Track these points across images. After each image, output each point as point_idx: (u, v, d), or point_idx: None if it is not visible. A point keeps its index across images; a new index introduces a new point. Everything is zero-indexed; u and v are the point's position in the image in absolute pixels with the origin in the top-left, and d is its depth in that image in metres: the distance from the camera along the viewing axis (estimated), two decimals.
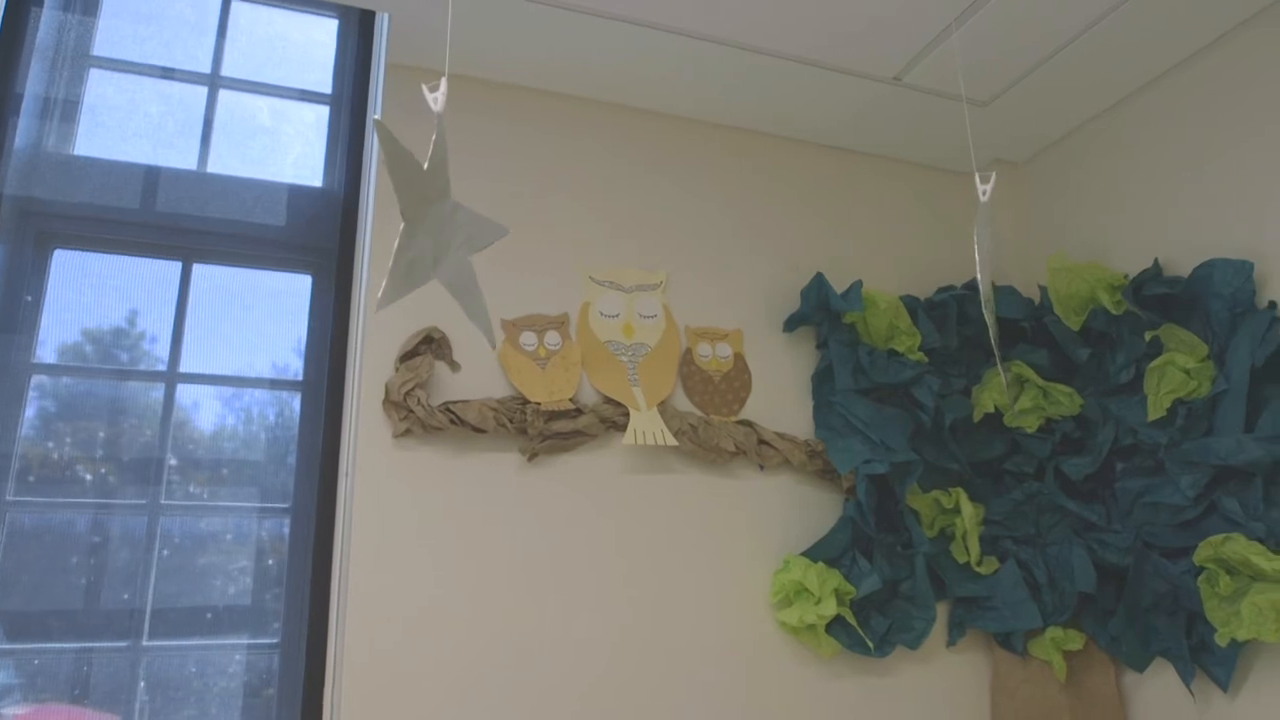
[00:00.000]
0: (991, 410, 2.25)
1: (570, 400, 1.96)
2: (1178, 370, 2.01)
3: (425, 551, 1.83)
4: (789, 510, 2.12)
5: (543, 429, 1.92)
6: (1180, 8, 1.99)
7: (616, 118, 2.26)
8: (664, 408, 2.03)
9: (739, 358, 2.16)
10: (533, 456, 1.92)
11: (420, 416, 1.84)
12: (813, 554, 2.04)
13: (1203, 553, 1.89)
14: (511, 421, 1.90)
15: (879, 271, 2.30)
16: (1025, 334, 2.29)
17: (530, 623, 1.86)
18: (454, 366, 1.94)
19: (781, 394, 2.19)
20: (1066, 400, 2.22)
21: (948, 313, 2.30)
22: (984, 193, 1.56)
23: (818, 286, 2.18)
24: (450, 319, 1.95)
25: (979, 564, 2.19)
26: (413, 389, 1.85)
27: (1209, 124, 2.11)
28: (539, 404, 1.93)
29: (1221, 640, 1.87)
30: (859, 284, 2.18)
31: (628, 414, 1.98)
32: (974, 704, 2.23)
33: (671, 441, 1.97)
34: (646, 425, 1.97)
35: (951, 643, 2.21)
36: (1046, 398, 2.24)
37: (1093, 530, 2.16)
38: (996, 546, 2.23)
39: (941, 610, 2.23)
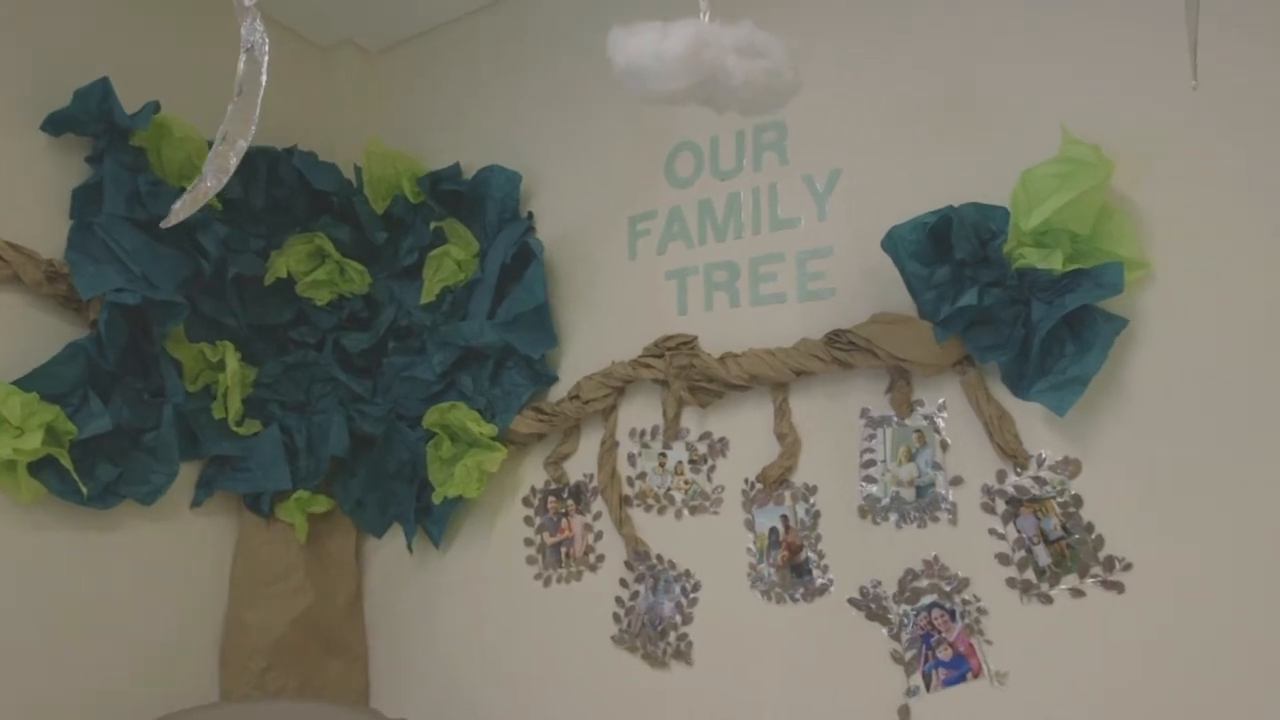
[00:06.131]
0: (284, 276, 2.22)
1: None
2: (452, 261, 2.20)
3: None
4: (11, 336, 1.81)
5: None
6: None
7: None
8: None
9: None
10: None
11: None
12: (26, 383, 1.77)
13: (430, 418, 2.09)
14: None
15: (188, 104, 2.07)
16: (333, 208, 2.30)
17: None
18: None
19: (27, 201, 1.85)
20: (358, 278, 2.29)
21: (258, 169, 2.20)
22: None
23: (102, 93, 1.90)
24: None
25: (239, 424, 2.15)
26: None
27: (517, 53, 2.35)
28: None
29: (437, 498, 2.10)
30: (154, 104, 1.96)
31: None
32: (213, 565, 2.18)
33: None
34: None
35: (196, 503, 2.13)
36: (342, 274, 2.29)
37: (359, 402, 2.26)
38: (264, 410, 2.21)
39: (194, 469, 2.13)
